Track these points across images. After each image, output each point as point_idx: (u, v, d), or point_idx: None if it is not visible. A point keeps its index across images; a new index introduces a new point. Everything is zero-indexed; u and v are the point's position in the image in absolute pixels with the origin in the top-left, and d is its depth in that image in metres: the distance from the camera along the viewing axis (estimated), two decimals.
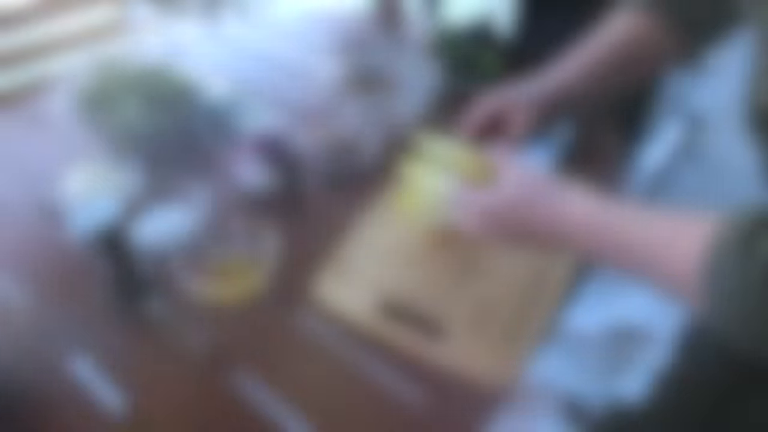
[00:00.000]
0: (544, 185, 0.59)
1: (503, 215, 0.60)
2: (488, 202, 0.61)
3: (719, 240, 0.43)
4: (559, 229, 0.57)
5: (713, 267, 0.43)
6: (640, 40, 0.73)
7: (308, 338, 0.72)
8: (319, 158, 0.96)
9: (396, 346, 0.70)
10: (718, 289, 0.43)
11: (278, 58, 1.35)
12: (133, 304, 0.75)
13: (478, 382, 0.65)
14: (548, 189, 0.59)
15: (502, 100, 0.78)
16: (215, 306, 0.77)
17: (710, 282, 0.43)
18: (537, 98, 0.77)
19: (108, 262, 0.69)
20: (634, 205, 0.54)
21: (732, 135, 2.30)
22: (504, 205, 0.60)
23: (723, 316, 0.43)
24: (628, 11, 0.75)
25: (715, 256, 0.43)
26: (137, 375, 0.68)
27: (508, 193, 0.60)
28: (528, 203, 0.59)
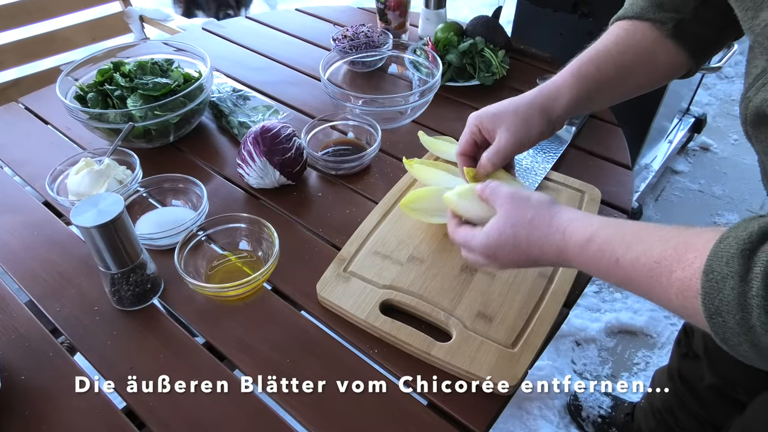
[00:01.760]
0: (535, 211, 0.58)
1: (503, 249, 0.60)
2: (485, 242, 0.61)
3: (719, 255, 0.42)
4: (561, 255, 0.56)
5: (712, 282, 0.42)
6: (643, 51, 0.70)
7: (309, 337, 0.72)
8: (322, 156, 0.96)
9: (397, 346, 0.70)
10: (717, 304, 0.42)
11: (281, 55, 1.34)
12: (134, 300, 0.74)
13: (480, 382, 0.65)
14: (541, 215, 0.58)
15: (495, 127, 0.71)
16: (217, 303, 0.76)
17: (710, 297, 0.42)
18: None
19: (108, 257, 0.69)
20: (631, 224, 0.52)
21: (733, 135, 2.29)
22: (500, 241, 0.59)
23: (725, 331, 0.42)
24: (630, 22, 0.71)
25: (715, 270, 0.42)
26: (138, 371, 0.68)
27: (502, 230, 0.59)
28: (523, 236, 0.58)
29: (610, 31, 0.72)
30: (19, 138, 1.08)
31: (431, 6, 1.31)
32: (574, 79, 0.69)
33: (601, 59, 0.70)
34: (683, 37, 0.68)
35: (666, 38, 0.68)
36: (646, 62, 0.70)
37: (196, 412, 0.64)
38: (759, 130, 0.54)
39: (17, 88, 1.70)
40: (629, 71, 0.70)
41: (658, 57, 0.69)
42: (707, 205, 2.08)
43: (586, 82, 0.69)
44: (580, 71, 0.69)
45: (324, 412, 0.64)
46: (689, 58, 0.69)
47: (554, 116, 0.70)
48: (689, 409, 1.11)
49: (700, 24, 0.67)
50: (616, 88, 0.71)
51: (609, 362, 1.58)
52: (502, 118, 0.69)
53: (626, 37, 0.70)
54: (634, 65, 0.69)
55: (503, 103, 0.70)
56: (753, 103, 0.53)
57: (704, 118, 2.30)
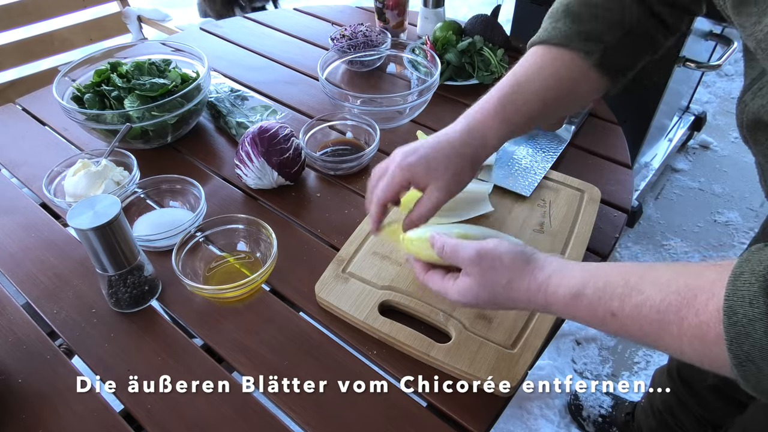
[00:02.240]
0: (509, 273, 0.54)
1: (483, 304, 0.57)
2: (461, 300, 0.58)
3: (739, 294, 0.39)
4: (548, 309, 0.53)
5: (738, 326, 0.38)
6: (567, 82, 0.67)
7: (308, 339, 0.72)
8: (320, 156, 0.95)
9: (397, 348, 0.69)
10: (748, 350, 0.38)
11: (279, 55, 1.34)
12: (132, 302, 0.74)
13: (481, 382, 0.64)
14: (517, 278, 0.54)
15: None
16: (215, 305, 0.76)
17: (737, 343, 0.38)
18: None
19: (105, 259, 0.69)
20: (617, 269, 0.49)
21: (733, 133, 2.29)
22: (479, 301, 0.57)
23: (760, 377, 0.39)
24: (550, 48, 0.68)
25: (738, 312, 0.38)
26: (135, 373, 0.68)
27: (478, 294, 0.56)
28: (502, 297, 0.55)
29: (530, 60, 0.68)
30: (17, 139, 1.08)
31: (430, 5, 1.30)
32: (499, 122, 0.66)
33: (525, 96, 0.67)
34: (607, 66, 0.66)
35: (590, 68, 0.66)
36: (569, 92, 0.68)
37: (194, 414, 0.64)
38: (756, 134, 0.54)
39: (15, 89, 1.69)
40: (553, 103, 0.68)
41: (580, 86, 0.68)
42: (707, 203, 2.08)
43: (510, 124, 0.67)
44: (505, 112, 0.66)
45: (323, 414, 0.64)
46: (608, 83, 0.68)
47: (480, 162, 0.68)
48: (689, 408, 1.11)
49: (622, 52, 0.66)
50: (539, 120, 0.69)
51: (609, 361, 1.58)
52: (434, 173, 0.65)
53: (549, 69, 0.67)
54: (558, 96, 0.67)
55: (432, 151, 0.65)
56: (749, 108, 0.52)
57: (704, 116, 2.30)
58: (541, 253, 0.56)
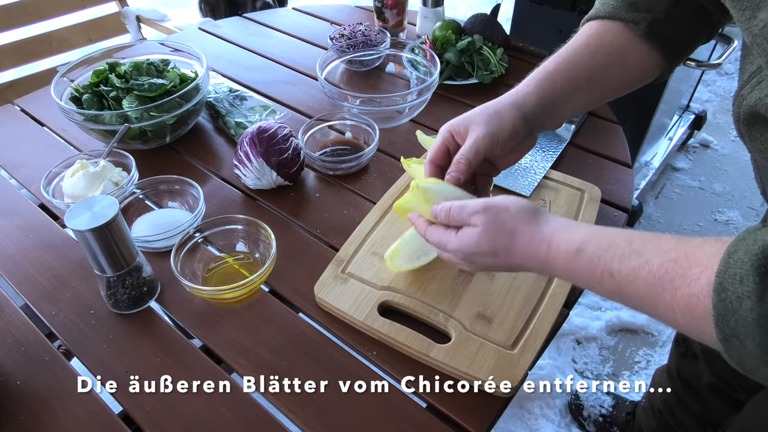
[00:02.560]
0: (516, 221, 0.55)
1: (480, 257, 0.57)
2: (459, 249, 0.57)
3: (730, 272, 0.39)
4: (545, 266, 0.53)
5: (726, 302, 0.39)
6: (615, 52, 0.67)
7: (307, 339, 0.71)
8: (319, 156, 0.95)
9: (396, 348, 0.69)
10: (733, 326, 0.39)
11: (278, 55, 1.34)
12: (130, 303, 0.74)
13: (480, 383, 0.64)
14: (522, 226, 0.54)
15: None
16: (214, 306, 0.76)
17: (724, 319, 0.39)
18: None
19: (104, 260, 0.68)
20: (622, 233, 0.49)
21: (733, 131, 2.30)
22: (477, 251, 0.56)
23: (742, 354, 0.40)
24: (601, 22, 0.68)
25: (727, 289, 0.39)
26: (134, 374, 0.67)
27: (478, 243, 0.56)
28: (502, 248, 0.55)
29: (582, 31, 0.70)
30: (15, 140, 1.08)
31: (429, 4, 1.30)
32: (543, 78, 0.67)
33: (572, 59, 0.67)
34: (656, 38, 0.65)
35: (639, 39, 0.66)
36: (619, 63, 0.68)
37: (193, 415, 0.64)
38: (753, 129, 0.53)
39: (13, 90, 1.69)
40: (601, 72, 0.68)
41: (630, 58, 0.67)
42: (708, 202, 2.08)
43: (555, 81, 0.67)
44: (549, 71, 0.67)
45: (322, 416, 0.63)
46: (662, 61, 0.67)
47: (528, 112, 0.67)
48: (689, 408, 1.11)
49: (672, 24, 0.66)
50: (589, 90, 0.69)
51: (610, 361, 1.57)
52: (474, 119, 0.66)
53: (598, 38, 0.67)
54: (607, 66, 0.67)
55: (473, 110, 0.68)
56: (747, 102, 0.52)
57: (704, 115, 2.29)
58: (548, 213, 0.56)
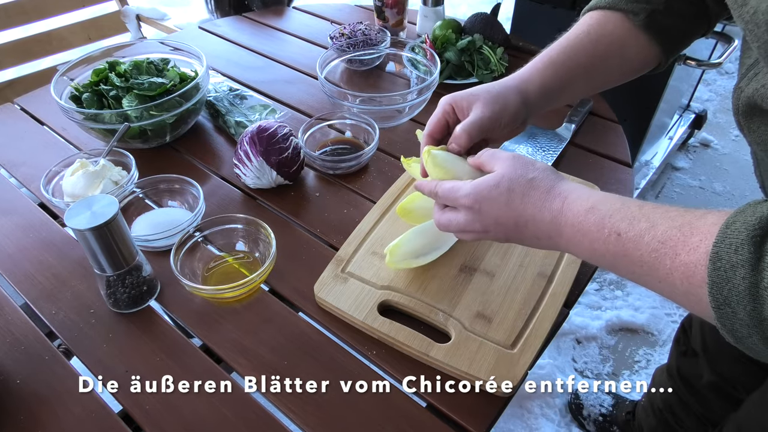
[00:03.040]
0: (537, 173, 0.55)
1: (492, 203, 0.55)
2: (473, 191, 0.56)
3: (727, 241, 0.40)
4: (554, 222, 0.52)
5: (720, 270, 0.40)
6: (615, 42, 0.68)
7: (307, 339, 0.71)
8: (319, 156, 0.95)
9: (396, 348, 0.69)
10: (726, 294, 0.40)
11: (278, 54, 1.34)
12: (130, 302, 0.74)
13: (480, 382, 0.64)
14: (543, 178, 0.54)
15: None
16: (214, 305, 0.76)
17: (718, 287, 0.40)
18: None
19: (103, 260, 0.68)
20: (633, 200, 0.50)
21: (734, 131, 2.29)
22: (492, 194, 0.55)
23: (734, 322, 0.40)
24: (601, 12, 0.70)
25: (722, 258, 0.40)
26: (134, 373, 0.67)
27: (498, 183, 0.55)
28: (518, 193, 0.54)
29: (582, 21, 0.71)
30: (15, 139, 1.08)
31: (429, 3, 1.30)
32: (545, 65, 0.68)
33: (573, 48, 0.68)
34: (655, 29, 0.67)
35: (638, 29, 0.67)
36: (618, 53, 0.69)
37: (193, 415, 0.64)
38: (751, 121, 0.54)
39: (13, 89, 1.69)
40: (601, 61, 0.69)
41: (629, 48, 0.68)
42: (708, 201, 2.08)
43: (556, 69, 0.68)
44: (551, 58, 0.68)
45: (322, 415, 0.63)
46: (660, 52, 0.69)
47: (529, 98, 0.68)
48: (689, 407, 1.11)
49: (671, 15, 0.67)
50: (588, 79, 0.70)
51: (610, 360, 1.57)
52: (477, 96, 0.66)
53: (598, 27, 0.68)
54: (606, 56, 0.68)
55: (476, 87, 0.68)
56: (745, 93, 0.52)
57: (705, 115, 2.29)
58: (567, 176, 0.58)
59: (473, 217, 0.57)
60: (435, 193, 0.61)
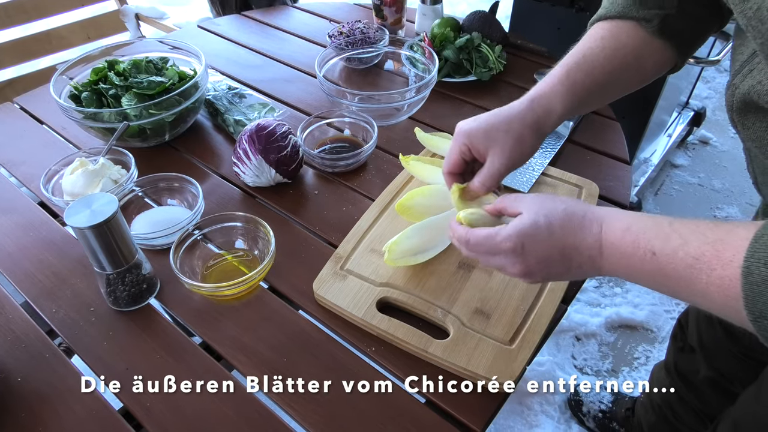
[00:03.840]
0: (566, 204, 0.55)
1: (537, 240, 0.55)
2: (516, 233, 0.55)
3: (756, 255, 0.41)
4: (597, 245, 0.52)
5: (753, 285, 0.41)
6: (630, 53, 0.66)
7: (306, 336, 0.72)
8: (318, 154, 0.95)
9: (395, 344, 0.69)
10: (761, 308, 0.41)
11: (277, 52, 1.34)
12: (130, 300, 0.74)
13: (479, 380, 0.65)
14: (574, 207, 0.55)
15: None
16: (213, 303, 0.76)
17: (752, 301, 0.41)
18: None
19: (103, 258, 0.69)
20: (663, 217, 0.50)
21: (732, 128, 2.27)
22: (534, 231, 0.55)
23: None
24: (612, 22, 0.68)
25: (753, 273, 0.41)
26: (134, 371, 0.68)
27: (535, 220, 0.55)
28: (557, 225, 0.54)
29: (592, 34, 0.69)
30: (14, 138, 1.08)
31: (428, 1, 1.30)
32: (565, 89, 0.66)
33: (589, 65, 0.66)
34: (669, 34, 0.65)
35: (651, 36, 0.65)
36: (634, 64, 0.67)
37: (193, 412, 0.64)
38: (746, 117, 0.54)
39: (12, 88, 1.69)
40: (618, 75, 0.67)
41: (645, 57, 0.67)
42: (707, 198, 2.08)
43: (576, 91, 0.66)
44: (569, 79, 0.66)
45: (322, 412, 0.64)
46: (675, 55, 0.68)
47: (546, 131, 0.67)
48: (687, 402, 1.11)
49: (684, 18, 0.65)
50: (606, 93, 0.69)
51: (609, 357, 1.58)
52: (494, 138, 0.64)
53: (611, 40, 0.67)
54: (623, 69, 0.67)
55: (493, 118, 0.66)
56: (740, 90, 0.52)
57: (703, 112, 2.29)
58: None
59: (515, 259, 0.56)
60: (467, 240, 0.60)
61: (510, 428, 1.40)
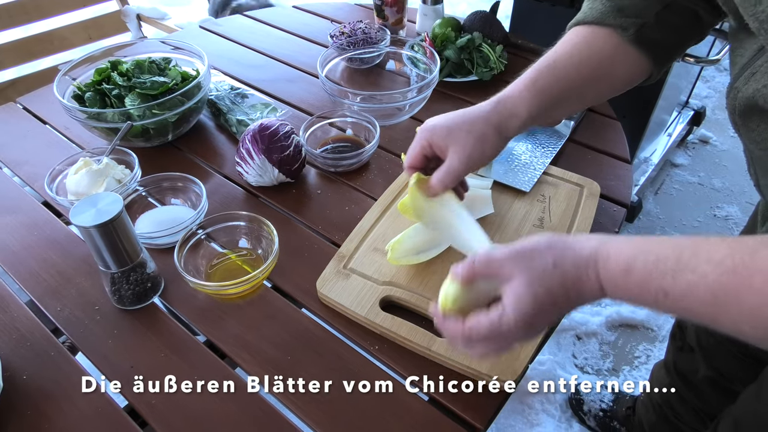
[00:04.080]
0: (552, 252, 0.50)
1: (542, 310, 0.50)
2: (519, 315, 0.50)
3: None
4: (601, 292, 0.49)
5: None
6: (604, 60, 0.65)
7: (310, 335, 0.72)
8: (321, 154, 0.96)
9: (398, 343, 0.70)
10: None
11: (279, 53, 1.34)
12: (135, 299, 0.75)
13: (481, 379, 0.65)
14: (562, 254, 0.50)
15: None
16: (217, 301, 0.76)
17: None
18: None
19: (108, 257, 0.69)
20: (665, 243, 0.45)
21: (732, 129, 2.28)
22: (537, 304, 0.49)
23: None
24: (588, 28, 0.66)
25: None
26: (139, 369, 0.68)
27: (534, 292, 0.49)
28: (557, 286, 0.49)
29: (567, 39, 0.68)
30: (18, 138, 1.08)
31: (429, 2, 1.30)
32: (531, 95, 0.65)
33: (560, 71, 0.65)
34: (645, 43, 0.64)
35: (627, 44, 0.64)
36: (607, 72, 0.66)
37: (198, 410, 0.65)
38: (749, 120, 0.53)
39: (14, 88, 1.70)
40: (589, 83, 0.66)
41: (618, 65, 0.66)
42: (707, 197, 2.08)
43: (542, 97, 0.65)
44: (537, 85, 0.65)
45: (325, 410, 0.64)
46: (651, 65, 0.66)
47: (510, 134, 0.66)
48: (687, 401, 1.12)
49: (662, 29, 0.64)
50: (575, 101, 0.68)
51: (610, 356, 1.58)
52: (456, 137, 0.64)
53: (585, 46, 0.66)
54: (594, 76, 0.66)
55: (456, 117, 0.65)
56: (743, 94, 0.51)
57: (703, 111, 2.30)
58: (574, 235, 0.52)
59: (525, 334, 0.52)
60: (468, 338, 0.53)
61: (511, 427, 1.41)
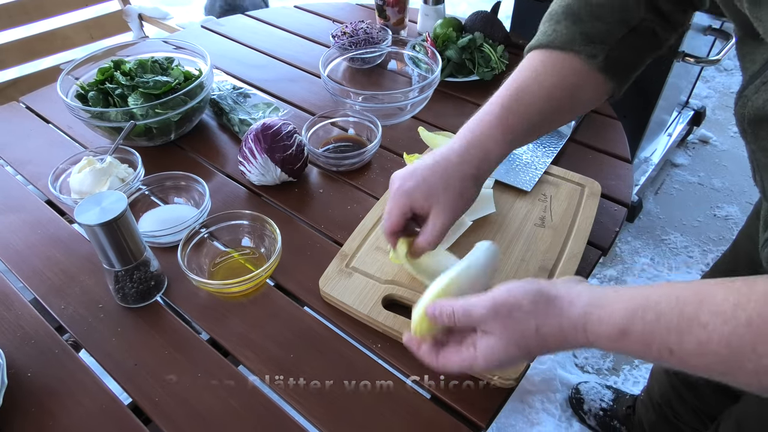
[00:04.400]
0: (536, 317, 0.48)
1: (515, 360, 0.50)
2: (490, 364, 0.51)
3: None
4: (591, 347, 0.47)
5: None
6: (570, 88, 0.64)
7: (312, 333, 0.73)
8: (323, 153, 0.96)
9: (400, 340, 0.70)
10: None
11: (281, 52, 1.35)
12: (138, 297, 0.75)
13: (482, 378, 0.65)
14: (547, 320, 0.48)
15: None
16: (220, 300, 0.77)
17: None
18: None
19: (112, 255, 0.69)
20: (665, 297, 0.43)
21: (732, 127, 2.29)
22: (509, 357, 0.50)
23: None
24: (551, 53, 0.65)
25: None
26: (143, 367, 0.69)
27: (507, 351, 0.50)
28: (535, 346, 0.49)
29: (530, 66, 0.65)
30: (21, 137, 1.09)
31: (430, 2, 1.31)
32: (502, 134, 0.64)
33: (529, 105, 0.64)
34: (612, 68, 0.63)
35: (595, 71, 0.63)
36: (573, 98, 0.65)
37: (201, 406, 0.65)
38: (760, 129, 0.52)
39: (17, 88, 1.70)
40: (556, 111, 0.65)
41: (585, 91, 0.65)
42: (707, 197, 2.09)
43: (514, 135, 0.64)
44: (508, 122, 0.63)
45: (328, 406, 0.65)
46: (615, 87, 0.66)
47: (486, 176, 0.65)
48: (687, 401, 1.12)
49: (625, 51, 0.64)
50: (545, 129, 0.67)
51: (610, 355, 1.59)
52: (435, 196, 0.63)
53: (551, 75, 0.64)
54: (561, 104, 0.65)
55: (430, 175, 0.63)
56: (753, 104, 0.50)
57: (703, 111, 2.30)
58: (561, 285, 0.50)
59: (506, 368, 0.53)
60: (443, 367, 0.55)
61: (512, 426, 1.41)
